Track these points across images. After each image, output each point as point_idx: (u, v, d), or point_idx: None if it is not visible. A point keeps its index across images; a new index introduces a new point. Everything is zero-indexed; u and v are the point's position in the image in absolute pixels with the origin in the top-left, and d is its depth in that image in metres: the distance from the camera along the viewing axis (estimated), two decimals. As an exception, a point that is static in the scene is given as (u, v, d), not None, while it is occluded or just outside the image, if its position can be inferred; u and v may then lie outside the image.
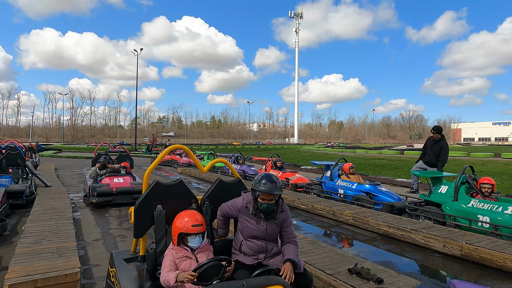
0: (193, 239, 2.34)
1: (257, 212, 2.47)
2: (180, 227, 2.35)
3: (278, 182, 2.42)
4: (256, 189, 2.42)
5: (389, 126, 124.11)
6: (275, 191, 2.37)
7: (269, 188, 2.37)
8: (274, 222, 2.51)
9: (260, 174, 2.55)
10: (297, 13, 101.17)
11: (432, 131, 7.65)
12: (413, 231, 5.18)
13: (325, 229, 6.30)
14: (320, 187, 8.90)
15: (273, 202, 2.43)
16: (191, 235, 2.33)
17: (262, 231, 2.48)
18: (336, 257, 3.92)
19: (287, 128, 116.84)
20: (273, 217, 2.49)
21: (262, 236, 2.49)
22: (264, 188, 2.37)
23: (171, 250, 2.39)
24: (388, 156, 24.04)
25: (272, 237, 2.54)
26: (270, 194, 2.38)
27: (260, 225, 2.49)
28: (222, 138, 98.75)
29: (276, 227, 2.52)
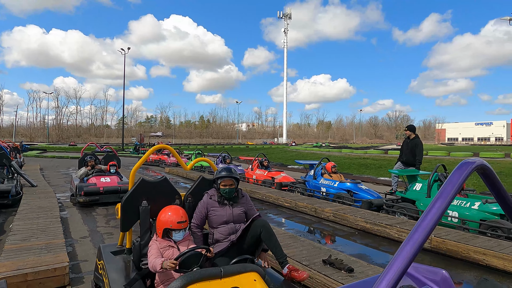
0: (177, 233, 2.56)
1: (222, 199, 2.85)
2: (165, 221, 2.54)
3: (235, 171, 2.89)
4: (218, 176, 2.84)
5: (376, 126, 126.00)
6: (233, 174, 2.84)
7: (228, 173, 2.82)
8: (238, 206, 2.90)
9: (219, 167, 3.05)
10: (285, 13, 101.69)
11: (405, 129, 8.01)
12: (388, 226, 5.50)
13: (307, 226, 6.57)
14: (304, 186, 9.18)
15: (233, 187, 2.84)
16: (175, 230, 2.54)
17: (229, 215, 2.86)
18: (313, 250, 4.18)
19: (276, 128, 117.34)
20: (235, 201, 2.90)
21: (230, 219, 2.86)
22: (224, 173, 2.81)
23: (155, 241, 2.59)
24: (372, 156, 24.60)
25: (239, 218, 2.91)
26: (230, 178, 2.81)
27: (226, 210, 2.84)
28: (210, 138, 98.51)
29: (240, 211, 2.92)
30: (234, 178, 2.86)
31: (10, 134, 69.22)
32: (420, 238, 0.76)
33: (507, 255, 4.01)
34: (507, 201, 0.99)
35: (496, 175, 0.94)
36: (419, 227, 0.77)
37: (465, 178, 0.83)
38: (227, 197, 2.86)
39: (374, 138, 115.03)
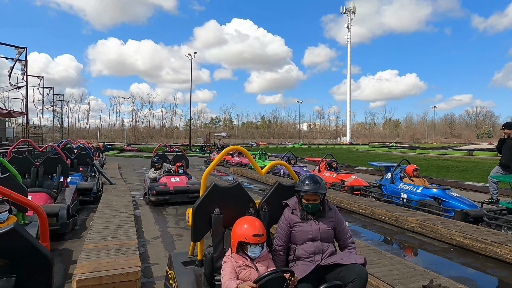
0: (253, 248, 2.26)
1: (305, 214, 2.46)
2: (240, 234, 2.26)
3: (321, 182, 2.46)
4: (300, 189, 2.45)
5: (453, 124, 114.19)
6: (319, 190, 2.40)
7: (313, 187, 2.40)
8: (325, 222, 2.47)
9: (303, 175, 2.57)
10: (349, 8, 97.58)
11: (502, 128, 6.74)
12: (496, 244, 4.52)
13: (387, 236, 5.82)
14: (379, 190, 8.31)
15: (318, 202, 2.44)
16: (251, 244, 2.23)
17: (316, 231, 2.43)
18: (406, 270, 3.52)
19: (339, 127, 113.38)
20: (322, 215, 2.49)
21: (317, 236, 2.43)
22: (308, 188, 2.40)
23: (230, 258, 2.29)
24: (454, 157, 21.99)
25: (327, 236, 2.45)
26: (315, 194, 2.40)
27: (312, 226, 2.44)
28: (272, 138, 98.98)
29: (328, 227, 2.46)
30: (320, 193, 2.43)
31: (95, 136, 77.95)
32: None
33: None
34: None
35: None
36: None
37: None
38: (311, 212, 2.46)
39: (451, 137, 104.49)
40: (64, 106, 42.36)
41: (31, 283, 1.57)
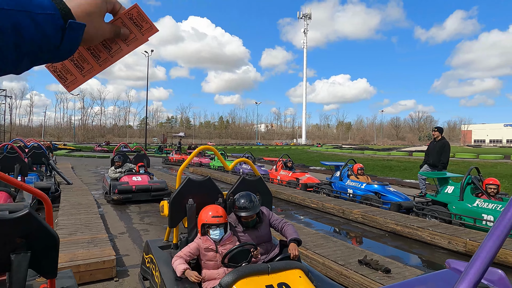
0: (213, 231, 2.63)
1: (246, 228, 2.83)
2: (203, 218, 2.68)
3: (255, 201, 2.78)
4: (237, 214, 2.79)
5: (398, 127, 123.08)
6: (255, 211, 2.73)
7: (249, 212, 2.73)
8: (263, 226, 2.90)
9: (238, 194, 2.86)
10: (305, 13, 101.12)
11: (434, 130, 7.91)
12: (420, 229, 5.45)
13: (335, 227, 6.60)
14: (329, 187, 9.19)
15: (254, 217, 2.80)
16: (211, 226, 2.63)
17: (257, 237, 2.83)
18: (347, 250, 4.23)
19: (295, 129, 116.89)
20: (260, 222, 2.89)
21: (261, 240, 2.85)
22: (244, 214, 2.73)
23: (198, 239, 2.71)
24: (396, 158, 24.14)
25: (267, 236, 2.91)
26: (251, 215, 2.74)
27: (254, 233, 2.82)
28: (230, 138, 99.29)
29: (266, 229, 2.92)
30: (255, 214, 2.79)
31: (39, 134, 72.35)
32: (503, 233, 0.84)
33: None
34: None
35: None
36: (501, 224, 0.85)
37: None
38: (250, 226, 2.85)
39: (396, 139, 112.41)
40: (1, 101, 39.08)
41: (43, 257, 1.95)
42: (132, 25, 0.63)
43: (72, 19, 0.48)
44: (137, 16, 0.63)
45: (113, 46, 0.63)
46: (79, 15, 0.50)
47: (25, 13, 0.43)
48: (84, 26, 0.50)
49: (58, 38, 0.47)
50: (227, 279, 2.28)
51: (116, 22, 0.61)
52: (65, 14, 0.47)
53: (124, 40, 0.63)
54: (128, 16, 0.62)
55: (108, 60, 0.63)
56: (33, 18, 0.43)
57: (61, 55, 0.50)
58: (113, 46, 0.63)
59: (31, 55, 0.45)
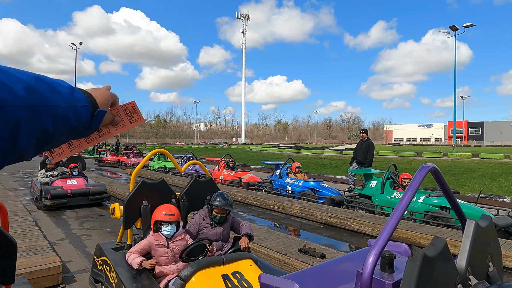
0: (165, 227, 2.81)
1: (213, 222, 3.08)
2: (156, 216, 2.85)
3: (229, 199, 3.05)
4: (212, 204, 3.03)
5: (330, 127, 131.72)
6: (228, 206, 3.02)
7: (223, 203, 2.99)
8: (226, 225, 3.16)
9: (216, 192, 3.12)
10: (243, 14, 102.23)
11: (362, 132, 8.90)
12: (349, 219, 6.20)
13: (276, 221, 7.10)
14: (270, 185, 9.73)
15: (225, 215, 3.06)
16: (164, 223, 2.81)
17: (219, 234, 3.11)
18: (288, 241, 4.69)
19: (234, 128, 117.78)
20: (225, 221, 3.16)
21: (220, 238, 3.12)
22: (218, 204, 2.98)
23: (150, 237, 2.86)
24: (329, 156, 26.04)
25: (227, 236, 3.19)
26: (224, 208, 3.01)
27: (216, 230, 3.07)
28: (167, 138, 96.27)
29: (228, 229, 3.21)
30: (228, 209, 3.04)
31: None
32: (399, 214, 1.25)
33: (448, 240, 4.84)
34: (450, 195, 1.53)
35: (443, 176, 1.48)
36: (399, 207, 1.26)
37: (424, 176, 1.34)
38: (218, 222, 3.10)
39: (329, 138, 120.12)
40: None
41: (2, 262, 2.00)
42: (125, 115, 0.77)
43: (97, 108, 0.63)
44: (131, 109, 0.78)
45: (103, 129, 0.73)
46: (100, 104, 0.64)
47: (72, 108, 0.56)
48: (105, 113, 0.65)
49: (88, 122, 0.61)
50: (186, 271, 2.51)
51: (113, 111, 0.73)
52: (93, 105, 0.62)
53: (114, 125, 0.75)
54: (124, 108, 0.77)
55: (96, 139, 0.73)
56: (76, 111, 0.57)
57: (87, 134, 0.63)
58: (103, 129, 0.73)
59: (69, 135, 0.58)
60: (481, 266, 1.50)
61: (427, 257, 1.12)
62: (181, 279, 2.49)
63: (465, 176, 13.77)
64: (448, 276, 1.25)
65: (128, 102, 0.78)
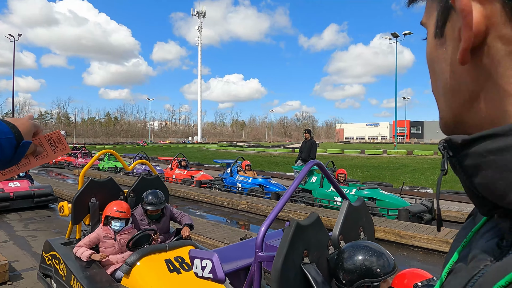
0: (115, 223, 3.07)
1: (150, 221, 3.33)
2: (108, 211, 3.10)
3: (161, 197, 3.27)
4: (144, 208, 3.25)
5: (286, 126, 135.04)
6: (160, 206, 3.23)
7: (155, 206, 3.21)
8: (164, 219, 3.43)
9: (147, 192, 3.31)
10: (199, 11, 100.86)
11: (305, 132, 9.64)
12: (291, 212, 6.83)
13: (225, 216, 7.54)
14: (222, 183, 10.14)
15: (159, 212, 3.30)
16: (114, 218, 3.07)
17: (159, 229, 3.38)
18: (232, 232, 5.15)
19: (190, 126, 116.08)
20: (162, 215, 3.43)
21: (160, 231, 3.41)
22: (151, 208, 3.22)
23: (99, 230, 3.10)
24: (282, 154, 27.06)
25: (166, 228, 3.42)
26: (156, 210, 3.25)
27: (156, 226, 3.29)
28: (119, 137, 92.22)
29: (166, 222, 3.51)
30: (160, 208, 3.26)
31: None
32: (284, 200, 1.74)
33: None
34: (335, 184, 2.07)
35: (325, 168, 2.02)
36: (285, 195, 1.75)
37: (309, 169, 1.85)
38: (154, 219, 3.35)
39: (284, 137, 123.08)
40: None
41: None
42: (48, 145, 0.74)
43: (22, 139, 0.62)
44: (55, 139, 0.76)
45: (23, 160, 0.68)
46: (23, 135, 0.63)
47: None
48: (30, 144, 0.64)
49: (11, 154, 0.60)
50: (132, 258, 2.85)
51: (35, 142, 0.70)
52: (18, 136, 0.61)
53: (35, 156, 0.71)
54: (48, 138, 0.74)
55: (13, 171, 0.69)
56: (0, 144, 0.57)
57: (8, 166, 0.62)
58: (23, 160, 0.68)
59: None
60: (353, 234, 2.06)
61: (299, 225, 1.63)
62: (127, 265, 2.82)
63: (399, 171, 15.31)
64: (321, 239, 1.77)
65: (53, 132, 0.77)
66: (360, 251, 1.50)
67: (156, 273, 2.81)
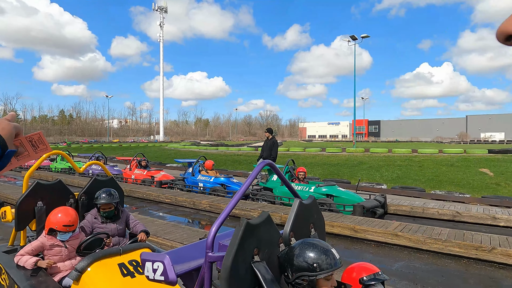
0: (62, 235, 2.85)
1: (104, 219, 3.22)
2: (52, 222, 2.84)
3: (115, 194, 3.22)
4: (97, 203, 3.18)
5: (250, 124, 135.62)
6: (113, 200, 3.16)
7: (108, 199, 3.14)
8: (120, 222, 3.31)
9: (100, 190, 3.24)
10: (161, 6, 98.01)
11: (265, 131, 9.78)
12: (252, 210, 6.90)
13: (187, 217, 7.44)
14: (183, 182, 9.98)
15: (112, 209, 3.20)
16: (60, 232, 2.84)
17: (113, 229, 3.29)
18: (192, 233, 5.10)
19: (152, 125, 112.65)
20: (117, 218, 3.31)
21: (115, 233, 3.32)
22: (103, 201, 3.14)
23: (43, 238, 2.87)
24: (245, 153, 27.15)
25: (122, 232, 3.28)
26: (109, 203, 3.17)
27: (110, 226, 3.21)
28: (75, 135, 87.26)
29: (122, 225, 3.40)
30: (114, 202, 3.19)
31: None
32: (237, 198, 1.77)
33: (327, 221, 5.84)
34: (287, 183, 2.13)
35: (277, 168, 2.07)
36: (238, 193, 1.78)
37: (261, 168, 1.89)
38: (108, 217, 3.24)
39: (249, 135, 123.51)
40: None
41: None
42: (29, 145, 0.76)
43: (6, 147, 0.63)
44: (37, 140, 0.78)
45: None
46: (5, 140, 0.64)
47: None
48: (15, 152, 0.65)
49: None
50: (82, 263, 2.72)
51: (16, 143, 0.71)
52: (2, 145, 0.63)
53: (16, 156, 0.73)
54: (29, 139, 0.76)
55: None
56: None
57: None
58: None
59: None
60: (304, 231, 2.13)
61: (249, 224, 1.66)
62: (77, 271, 2.69)
63: (357, 168, 16.02)
64: (272, 237, 1.82)
65: (34, 132, 0.79)
66: (306, 247, 1.57)
67: (108, 278, 2.71)
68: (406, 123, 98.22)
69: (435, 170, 14.52)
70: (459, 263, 4.52)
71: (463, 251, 4.63)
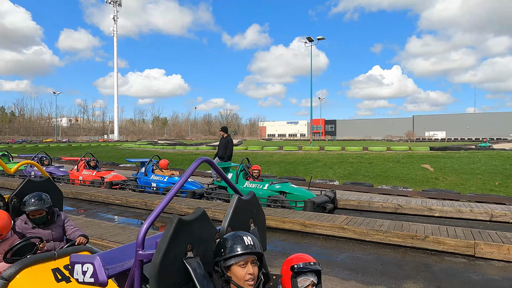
0: None
1: (36, 224, 2.96)
2: None
3: (45, 199, 2.96)
4: (25, 209, 2.92)
5: (210, 123, 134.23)
6: (44, 206, 2.91)
7: (37, 206, 2.88)
8: (55, 226, 3.09)
9: (28, 195, 2.96)
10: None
11: (220, 129, 9.79)
12: (206, 209, 6.83)
13: (138, 218, 7.19)
14: (135, 183, 9.63)
15: (43, 215, 2.96)
16: None
17: (47, 234, 3.05)
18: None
19: (106, 123, 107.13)
20: (52, 222, 3.08)
21: (49, 238, 3.00)
22: (32, 208, 2.88)
23: None
24: (203, 152, 26.83)
25: (58, 237, 3.08)
26: (39, 210, 2.92)
27: (45, 232, 3.00)
28: (17, 134, 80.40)
29: (57, 230, 3.10)
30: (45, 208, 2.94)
31: None
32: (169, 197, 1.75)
33: (279, 217, 5.98)
34: (225, 179, 2.14)
35: (216, 164, 2.08)
36: (173, 189, 1.76)
37: (197, 165, 1.88)
38: (40, 223, 2.98)
39: (208, 134, 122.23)
40: None
41: None
42: None
43: None
44: None
45: None
46: None
47: None
48: None
49: None
50: (9, 270, 2.53)
51: None
52: None
53: None
54: None
55: None
56: None
57: None
58: None
59: None
60: (243, 226, 2.16)
61: (181, 220, 1.66)
62: (3, 279, 2.50)
63: (312, 165, 16.54)
64: (208, 233, 1.82)
65: None
66: (227, 237, 1.61)
67: (39, 285, 2.55)
68: (360, 122, 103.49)
69: (383, 166, 15.44)
70: (397, 251, 4.86)
71: (401, 240, 4.99)
